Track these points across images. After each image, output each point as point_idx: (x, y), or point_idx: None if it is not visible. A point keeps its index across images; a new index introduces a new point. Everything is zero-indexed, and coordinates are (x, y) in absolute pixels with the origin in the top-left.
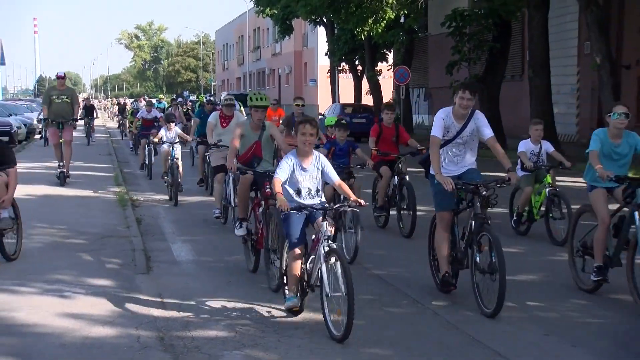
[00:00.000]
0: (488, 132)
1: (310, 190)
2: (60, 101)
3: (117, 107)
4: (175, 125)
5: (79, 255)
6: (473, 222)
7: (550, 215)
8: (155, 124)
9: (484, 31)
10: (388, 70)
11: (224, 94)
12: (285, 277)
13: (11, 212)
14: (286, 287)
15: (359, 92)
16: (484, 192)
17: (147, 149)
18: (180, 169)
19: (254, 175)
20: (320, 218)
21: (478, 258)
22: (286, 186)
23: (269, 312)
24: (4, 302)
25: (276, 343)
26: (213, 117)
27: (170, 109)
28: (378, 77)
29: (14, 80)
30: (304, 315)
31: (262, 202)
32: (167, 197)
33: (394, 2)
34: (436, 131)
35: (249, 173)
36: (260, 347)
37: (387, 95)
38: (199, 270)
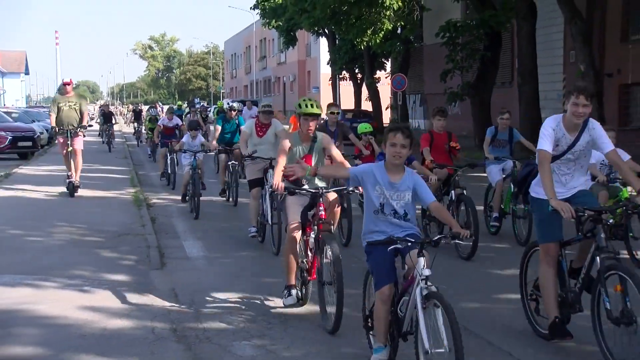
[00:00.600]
0: (608, 145)
1: (396, 212)
2: (68, 108)
3: (133, 114)
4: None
5: (97, 252)
6: (597, 257)
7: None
8: (176, 131)
9: (476, 41)
10: (386, 77)
11: (262, 101)
12: (370, 320)
13: None
14: (371, 333)
15: (359, 98)
16: (610, 221)
17: (168, 157)
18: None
19: (294, 193)
20: (415, 252)
21: (608, 304)
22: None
23: (276, 304)
24: (28, 296)
25: (282, 334)
26: (248, 126)
27: (188, 115)
28: (377, 84)
29: (37, 89)
30: (309, 307)
31: (316, 227)
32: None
33: (392, 14)
34: (545, 144)
35: (301, 192)
36: (267, 338)
37: (385, 101)
38: (209, 266)
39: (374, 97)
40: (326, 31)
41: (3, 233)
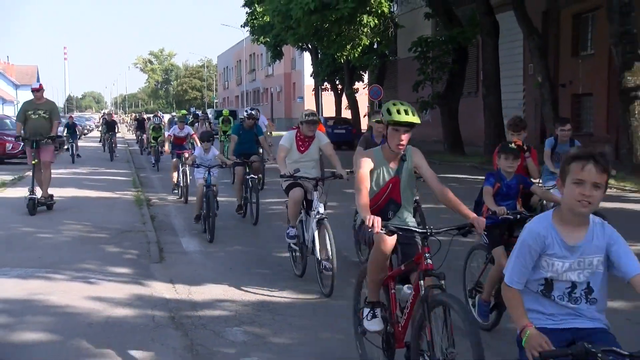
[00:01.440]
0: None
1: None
2: (37, 117)
3: (136, 123)
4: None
5: (102, 247)
6: None
7: None
8: (188, 141)
9: (445, 55)
10: (364, 88)
11: (304, 111)
12: None
13: None
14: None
15: (339, 107)
16: None
17: (180, 169)
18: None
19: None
20: None
21: None
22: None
23: (264, 295)
24: (40, 287)
25: (271, 321)
26: (287, 140)
27: (195, 125)
28: (355, 94)
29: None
30: (295, 296)
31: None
32: (178, 197)
33: (369, 31)
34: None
35: (407, 235)
36: (256, 324)
37: (363, 109)
38: (204, 260)
39: (353, 106)
40: (309, 46)
41: (16, 230)
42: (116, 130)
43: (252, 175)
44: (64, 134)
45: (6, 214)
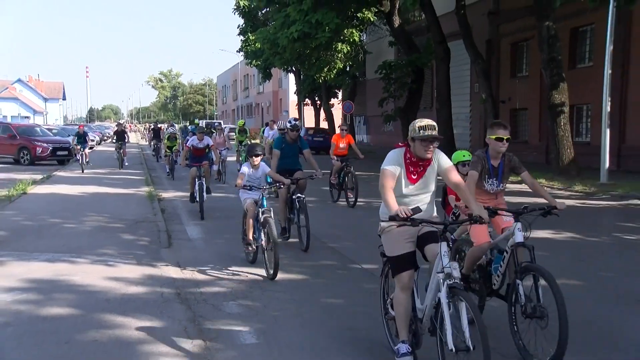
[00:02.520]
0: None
1: None
2: None
3: (152, 132)
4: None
5: (119, 235)
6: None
7: None
8: (207, 153)
9: (405, 76)
10: (338, 103)
11: (417, 122)
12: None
13: None
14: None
15: (318, 119)
16: None
17: (197, 183)
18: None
19: None
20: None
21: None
22: None
23: (256, 275)
24: (66, 269)
25: (261, 296)
26: (393, 162)
27: (214, 134)
28: (331, 108)
29: (72, 111)
30: (280, 277)
31: None
32: (185, 194)
33: (342, 56)
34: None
35: None
36: (249, 299)
37: (338, 121)
38: (206, 245)
39: (329, 118)
40: (293, 69)
41: (45, 221)
42: (126, 140)
43: (300, 195)
44: (74, 143)
45: (37, 208)
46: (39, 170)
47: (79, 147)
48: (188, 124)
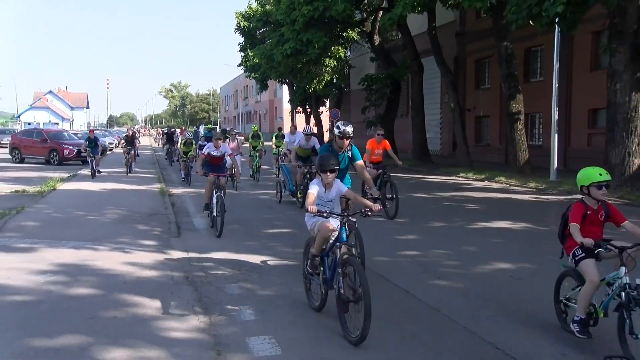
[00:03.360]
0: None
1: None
2: None
3: (165, 136)
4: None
5: (135, 226)
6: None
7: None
8: (224, 162)
9: (384, 87)
10: (326, 111)
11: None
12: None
13: None
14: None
15: (309, 124)
16: None
17: (215, 195)
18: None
19: None
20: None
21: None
22: None
23: (254, 260)
24: (89, 255)
25: (258, 280)
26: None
27: (227, 140)
28: (320, 115)
29: (94, 118)
30: (276, 263)
31: None
32: (194, 190)
33: (330, 70)
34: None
35: None
36: (248, 282)
37: (326, 126)
38: (210, 235)
39: (318, 123)
40: (287, 81)
41: (71, 213)
42: (136, 145)
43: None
44: (84, 148)
45: (64, 202)
46: (66, 169)
47: (89, 151)
48: (199, 127)
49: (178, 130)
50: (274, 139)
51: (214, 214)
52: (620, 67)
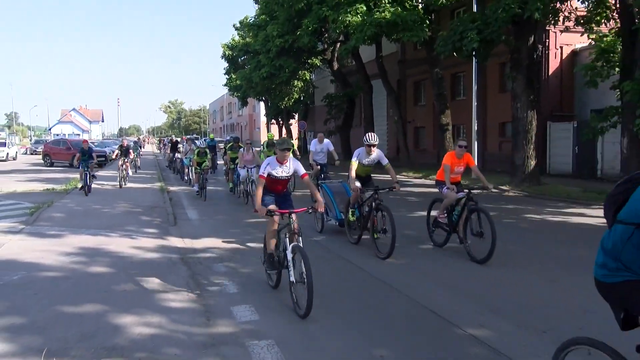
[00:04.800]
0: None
1: None
2: None
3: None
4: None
5: (139, 217)
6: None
7: None
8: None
9: (342, 104)
10: (296, 122)
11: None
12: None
13: None
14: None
15: (281, 134)
16: None
17: (289, 244)
18: None
19: None
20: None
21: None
22: None
23: (237, 244)
24: (103, 240)
25: (241, 259)
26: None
27: (241, 149)
28: (290, 126)
29: (108, 129)
30: (254, 246)
31: None
32: (185, 187)
33: (298, 89)
34: None
35: None
36: (232, 261)
37: (295, 135)
38: (201, 223)
39: (289, 133)
40: (264, 98)
41: (89, 207)
42: (130, 157)
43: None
44: (76, 161)
45: (84, 197)
46: None
47: (82, 169)
48: (199, 136)
49: (183, 139)
50: (264, 148)
51: (292, 278)
52: (519, 90)
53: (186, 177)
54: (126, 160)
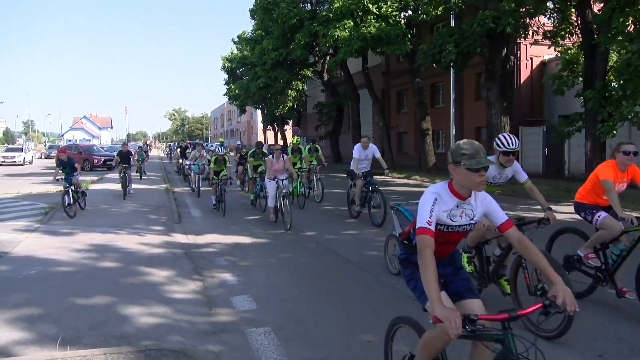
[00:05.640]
0: None
1: None
2: None
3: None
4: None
5: (146, 215)
6: None
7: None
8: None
9: (331, 111)
10: (290, 128)
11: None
12: None
13: None
14: None
15: (277, 139)
16: None
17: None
18: None
19: None
20: None
21: None
22: None
23: (236, 239)
24: (113, 238)
25: (239, 253)
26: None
27: (269, 157)
28: (285, 132)
29: (116, 135)
30: (252, 241)
31: None
32: (188, 188)
33: (291, 98)
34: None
35: None
36: (233, 255)
37: (289, 140)
38: (203, 220)
39: (284, 138)
40: (260, 106)
41: (99, 206)
42: (131, 163)
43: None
44: (55, 178)
45: (95, 198)
46: (96, 174)
47: (61, 178)
48: (203, 141)
49: (189, 144)
50: (289, 154)
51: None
52: (493, 98)
53: (194, 186)
54: (127, 169)
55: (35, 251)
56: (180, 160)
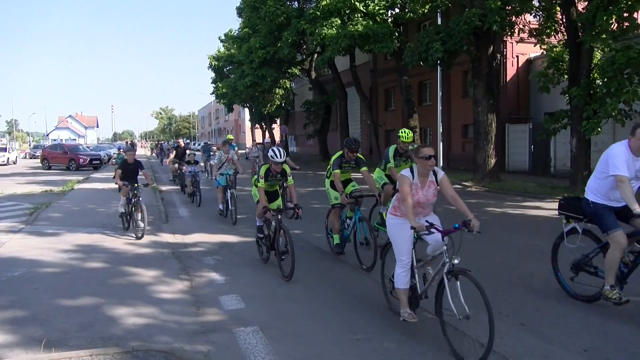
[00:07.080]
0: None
1: None
2: None
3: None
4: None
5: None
6: None
7: None
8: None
9: (319, 109)
10: (278, 126)
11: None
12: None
13: None
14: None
15: (264, 137)
16: None
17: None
18: None
19: None
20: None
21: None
22: None
23: (223, 239)
24: (99, 238)
25: (227, 253)
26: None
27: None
28: (272, 130)
29: (102, 134)
30: (238, 240)
31: None
32: (176, 187)
33: (279, 97)
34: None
35: None
36: (219, 255)
37: (277, 138)
38: (191, 220)
39: (272, 136)
40: (248, 105)
41: (85, 207)
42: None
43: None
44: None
45: (80, 198)
46: (82, 174)
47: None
48: (190, 140)
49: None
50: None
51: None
52: (480, 96)
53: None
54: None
55: (20, 252)
56: (177, 165)
